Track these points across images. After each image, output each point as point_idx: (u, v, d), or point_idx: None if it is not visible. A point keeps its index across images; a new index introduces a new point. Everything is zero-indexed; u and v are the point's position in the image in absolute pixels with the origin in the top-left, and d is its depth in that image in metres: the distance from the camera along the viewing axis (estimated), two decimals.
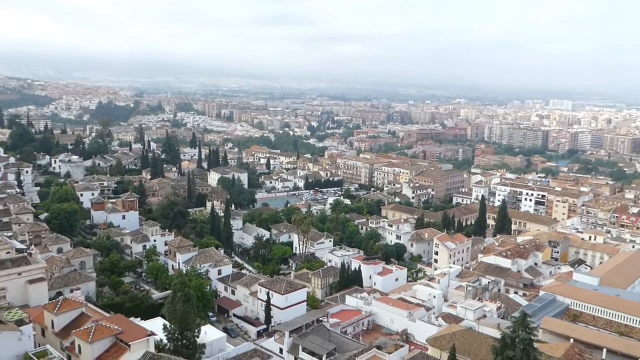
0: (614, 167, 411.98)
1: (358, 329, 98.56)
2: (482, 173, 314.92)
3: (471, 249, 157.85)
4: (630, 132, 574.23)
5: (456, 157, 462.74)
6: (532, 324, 69.65)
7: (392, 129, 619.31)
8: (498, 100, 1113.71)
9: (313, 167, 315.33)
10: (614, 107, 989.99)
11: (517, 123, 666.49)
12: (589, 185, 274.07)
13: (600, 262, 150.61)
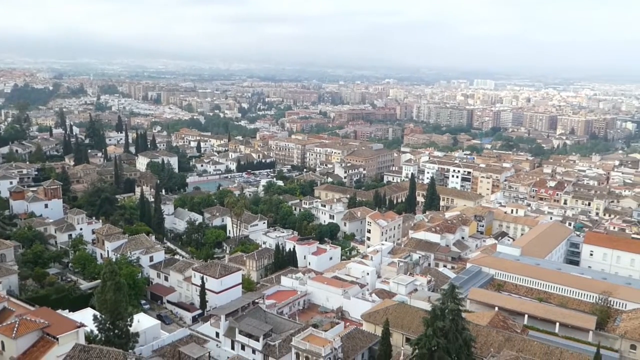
0: (533, 144, 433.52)
1: (294, 309, 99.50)
2: (412, 152, 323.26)
3: (402, 226, 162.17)
4: (548, 110, 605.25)
5: (386, 137, 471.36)
6: (460, 295, 72.92)
7: (324, 110, 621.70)
8: (425, 81, 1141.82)
9: (245, 149, 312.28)
10: (533, 87, 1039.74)
11: (443, 102, 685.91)
12: (511, 161, 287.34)
13: (521, 233, 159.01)
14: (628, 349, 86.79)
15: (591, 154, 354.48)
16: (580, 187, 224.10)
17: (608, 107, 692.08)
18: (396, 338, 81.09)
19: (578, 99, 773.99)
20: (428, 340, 68.05)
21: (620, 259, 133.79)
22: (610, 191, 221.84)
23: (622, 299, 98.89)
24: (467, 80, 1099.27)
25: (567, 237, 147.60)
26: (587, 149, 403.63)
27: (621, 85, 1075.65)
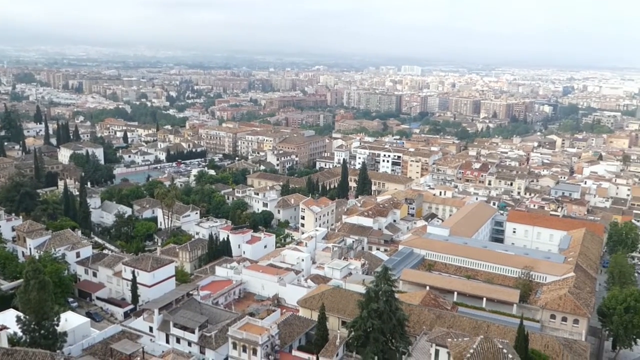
0: (459, 127, 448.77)
1: (230, 299, 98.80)
2: (343, 138, 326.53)
3: (335, 211, 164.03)
4: (472, 95, 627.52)
5: (318, 123, 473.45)
6: (392, 276, 74.83)
7: (254, 97, 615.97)
8: (355, 67, 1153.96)
9: (174, 139, 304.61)
10: (458, 72, 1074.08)
11: (373, 88, 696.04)
12: (438, 145, 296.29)
13: (449, 214, 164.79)
14: (548, 319, 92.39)
15: (512, 136, 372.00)
16: (503, 168, 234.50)
17: (527, 91, 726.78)
18: (332, 322, 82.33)
19: (499, 84, 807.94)
20: (363, 322, 69.58)
21: (541, 235, 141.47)
22: (530, 171, 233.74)
23: (542, 272, 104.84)
24: (395, 66, 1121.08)
25: (492, 216, 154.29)
26: (509, 132, 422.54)
27: (538, 70, 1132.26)
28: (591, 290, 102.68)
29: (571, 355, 74.88)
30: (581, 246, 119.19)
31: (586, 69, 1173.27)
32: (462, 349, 59.22)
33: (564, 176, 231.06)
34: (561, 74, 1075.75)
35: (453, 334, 68.28)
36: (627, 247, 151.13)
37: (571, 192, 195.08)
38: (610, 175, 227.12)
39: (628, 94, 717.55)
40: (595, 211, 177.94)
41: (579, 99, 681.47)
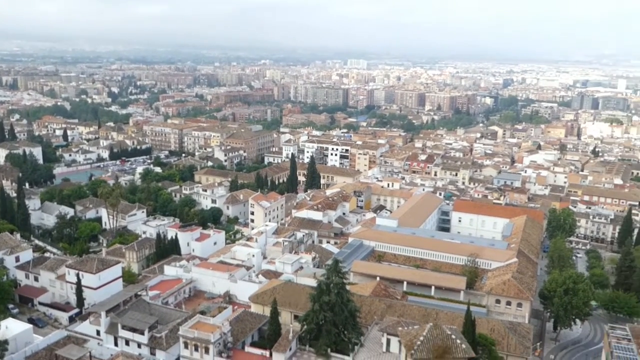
0: (405, 120, 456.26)
1: (180, 298, 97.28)
2: (291, 132, 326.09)
3: (285, 206, 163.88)
4: (417, 88, 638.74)
5: (265, 118, 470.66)
6: (343, 269, 75.62)
7: (200, 92, 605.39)
8: (301, 61, 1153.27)
9: (118, 136, 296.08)
10: (402, 66, 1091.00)
11: (319, 82, 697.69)
12: (385, 137, 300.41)
13: (397, 206, 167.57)
14: (494, 304, 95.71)
15: (456, 127, 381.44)
16: (448, 159, 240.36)
17: (469, 84, 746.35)
18: (285, 316, 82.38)
19: (443, 77, 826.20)
20: (315, 315, 70.02)
21: (485, 223, 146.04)
22: (473, 161, 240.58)
23: (487, 259, 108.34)
24: (342, 60, 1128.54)
25: (438, 206, 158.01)
26: (453, 123, 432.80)
27: (480, 64, 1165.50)
28: (533, 274, 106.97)
29: (515, 338, 77.79)
30: (523, 233, 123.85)
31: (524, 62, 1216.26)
32: (412, 336, 60.51)
33: (506, 166, 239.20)
34: (501, 67, 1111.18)
35: (403, 322, 69.66)
36: (565, 232, 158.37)
37: (512, 181, 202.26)
38: (549, 164, 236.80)
39: (563, 86, 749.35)
40: (535, 199, 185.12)
41: (518, 90, 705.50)
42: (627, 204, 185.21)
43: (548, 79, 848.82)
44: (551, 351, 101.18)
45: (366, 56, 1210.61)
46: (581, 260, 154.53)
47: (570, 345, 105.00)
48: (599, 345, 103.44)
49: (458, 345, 59.15)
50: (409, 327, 65.03)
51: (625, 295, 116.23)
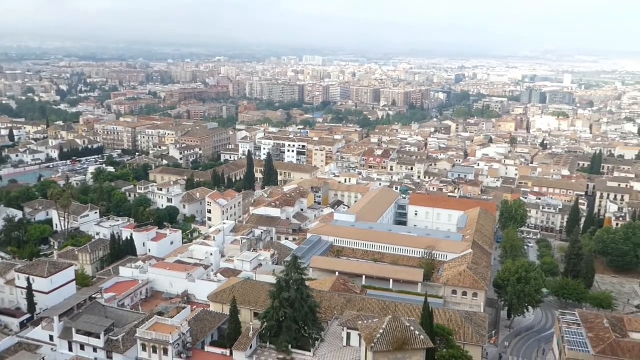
0: (361, 116, 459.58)
1: (137, 299, 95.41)
2: (247, 129, 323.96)
3: (243, 203, 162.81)
4: (372, 84, 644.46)
5: (221, 115, 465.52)
6: (302, 265, 75.76)
7: (153, 90, 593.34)
8: (257, 58, 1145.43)
9: (68, 135, 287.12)
10: (357, 62, 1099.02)
11: (275, 79, 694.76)
12: (342, 133, 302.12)
13: (355, 201, 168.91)
14: (450, 295, 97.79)
15: (411, 123, 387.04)
16: (404, 154, 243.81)
17: (423, 79, 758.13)
18: (244, 314, 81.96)
19: (397, 73, 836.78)
20: (275, 312, 69.95)
21: (440, 216, 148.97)
22: (428, 156, 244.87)
23: (443, 251, 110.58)
24: (297, 56, 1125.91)
25: (395, 201, 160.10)
26: (407, 119, 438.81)
27: (432, 60, 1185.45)
28: (487, 264, 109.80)
29: (472, 327, 79.77)
30: (477, 224, 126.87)
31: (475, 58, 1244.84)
32: (372, 330, 61.17)
33: (459, 159, 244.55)
34: (453, 63, 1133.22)
35: (363, 316, 70.34)
36: (517, 223, 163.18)
37: (466, 174, 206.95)
38: (500, 157, 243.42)
39: (513, 81, 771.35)
40: (488, 191, 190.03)
41: (470, 86, 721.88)
42: (574, 194, 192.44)
43: (498, 74, 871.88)
44: (506, 338, 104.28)
45: (321, 52, 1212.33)
46: (532, 250, 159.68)
47: (523, 332, 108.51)
48: (550, 330, 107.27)
49: (417, 336, 60.16)
50: (369, 320, 65.70)
51: (574, 282, 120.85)
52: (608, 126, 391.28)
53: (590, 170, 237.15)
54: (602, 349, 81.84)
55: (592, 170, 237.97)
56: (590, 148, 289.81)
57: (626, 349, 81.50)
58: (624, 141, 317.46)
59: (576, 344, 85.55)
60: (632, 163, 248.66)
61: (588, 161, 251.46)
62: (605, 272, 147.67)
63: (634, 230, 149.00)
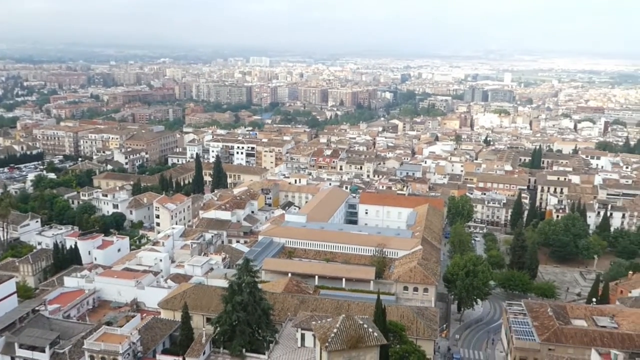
0: (309, 116, 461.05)
1: (83, 310, 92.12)
2: (195, 131, 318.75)
3: (192, 207, 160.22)
4: (319, 84, 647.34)
5: (167, 118, 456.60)
6: (254, 267, 75.08)
7: (95, 93, 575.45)
8: (202, 59, 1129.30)
9: (4, 141, 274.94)
10: (305, 62, 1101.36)
11: (222, 80, 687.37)
12: (291, 134, 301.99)
13: (305, 201, 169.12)
14: (402, 291, 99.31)
15: (359, 122, 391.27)
16: (352, 153, 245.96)
17: (369, 79, 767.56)
18: (197, 320, 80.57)
19: (344, 73, 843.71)
20: (228, 316, 69.07)
21: (390, 214, 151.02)
22: (377, 154, 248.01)
23: (394, 248, 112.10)
24: (244, 57, 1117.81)
25: (345, 200, 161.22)
26: (355, 118, 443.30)
27: (379, 60, 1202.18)
28: (437, 260, 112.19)
29: (424, 322, 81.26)
30: (425, 220, 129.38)
31: (420, 58, 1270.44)
32: (326, 329, 61.32)
33: (407, 157, 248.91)
34: (399, 62, 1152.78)
35: (317, 316, 70.42)
36: (464, 218, 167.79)
37: (414, 172, 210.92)
38: (446, 154, 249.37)
39: (456, 80, 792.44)
40: (436, 187, 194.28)
41: (415, 85, 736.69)
42: (516, 188, 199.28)
43: (442, 73, 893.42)
44: (456, 331, 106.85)
45: (268, 53, 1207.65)
46: (479, 244, 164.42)
47: (473, 324, 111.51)
48: (499, 321, 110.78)
49: (370, 334, 60.71)
50: (322, 320, 65.81)
51: (519, 274, 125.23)
52: (546, 122, 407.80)
53: (531, 165, 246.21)
54: (547, 336, 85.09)
55: (533, 165, 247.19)
56: (530, 143, 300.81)
57: (569, 336, 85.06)
58: (561, 136, 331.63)
59: (523, 333, 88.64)
60: (569, 157, 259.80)
61: (529, 156, 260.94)
62: (548, 262, 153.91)
63: (572, 221, 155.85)
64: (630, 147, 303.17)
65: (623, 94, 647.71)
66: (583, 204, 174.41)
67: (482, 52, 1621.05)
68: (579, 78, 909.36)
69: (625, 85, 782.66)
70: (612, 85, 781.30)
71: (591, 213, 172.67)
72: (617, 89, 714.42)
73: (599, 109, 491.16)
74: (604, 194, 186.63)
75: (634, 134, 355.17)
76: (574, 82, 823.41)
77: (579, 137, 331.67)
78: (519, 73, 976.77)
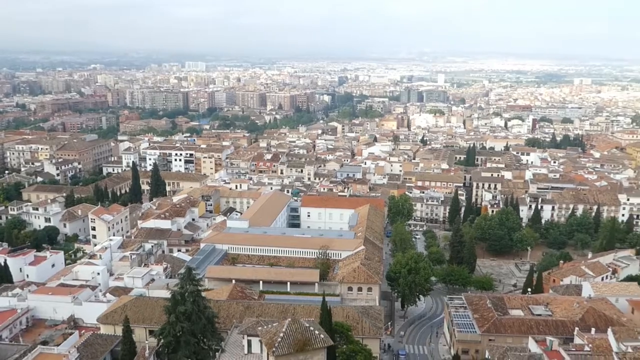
0: (248, 121, 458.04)
1: (16, 330, 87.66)
2: (130, 139, 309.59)
3: (130, 217, 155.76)
4: (257, 89, 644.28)
5: (100, 126, 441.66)
6: (197, 276, 73.82)
7: (21, 102, 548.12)
8: (136, 65, 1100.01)
9: None
10: (242, 67, 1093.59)
11: (157, 86, 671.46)
12: (230, 139, 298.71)
13: (247, 206, 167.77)
14: (346, 291, 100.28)
15: (298, 125, 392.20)
16: (293, 157, 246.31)
17: (307, 82, 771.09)
18: (139, 333, 78.49)
19: (282, 77, 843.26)
20: (172, 327, 67.54)
21: (332, 215, 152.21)
22: (317, 157, 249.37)
23: (337, 249, 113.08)
24: (179, 63, 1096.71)
25: (287, 203, 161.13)
26: (295, 122, 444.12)
27: (316, 63, 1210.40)
28: (379, 259, 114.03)
29: (369, 321, 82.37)
30: (367, 221, 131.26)
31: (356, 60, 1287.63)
32: (272, 334, 61.09)
33: (347, 159, 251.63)
34: (336, 65, 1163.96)
35: (263, 322, 69.95)
36: (404, 217, 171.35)
37: (354, 173, 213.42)
38: (385, 155, 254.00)
39: (392, 82, 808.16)
40: (376, 188, 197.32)
41: (352, 87, 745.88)
42: (453, 186, 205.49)
43: (378, 75, 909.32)
44: (401, 328, 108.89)
45: (204, 58, 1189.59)
46: (420, 241, 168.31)
47: (417, 320, 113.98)
48: (441, 316, 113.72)
49: (317, 336, 60.94)
50: (268, 325, 65.46)
51: (458, 268, 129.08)
52: (479, 121, 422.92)
53: (466, 163, 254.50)
54: (487, 327, 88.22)
55: (468, 162, 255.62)
56: (464, 142, 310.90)
57: (507, 325, 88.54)
58: (493, 134, 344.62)
59: (464, 326, 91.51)
60: (501, 154, 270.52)
61: (464, 154, 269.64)
62: (485, 256, 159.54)
63: (507, 215, 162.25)
64: (557, 143, 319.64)
65: (548, 92, 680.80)
66: (516, 199, 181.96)
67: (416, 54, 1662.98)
68: (508, 78, 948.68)
69: (550, 84, 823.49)
70: (538, 85, 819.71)
71: (523, 207, 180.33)
72: (543, 88, 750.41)
73: (527, 107, 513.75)
74: (534, 188, 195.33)
75: (560, 130, 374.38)
76: (503, 82, 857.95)
77: (509, 135, 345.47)
78: (452, 74, 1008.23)
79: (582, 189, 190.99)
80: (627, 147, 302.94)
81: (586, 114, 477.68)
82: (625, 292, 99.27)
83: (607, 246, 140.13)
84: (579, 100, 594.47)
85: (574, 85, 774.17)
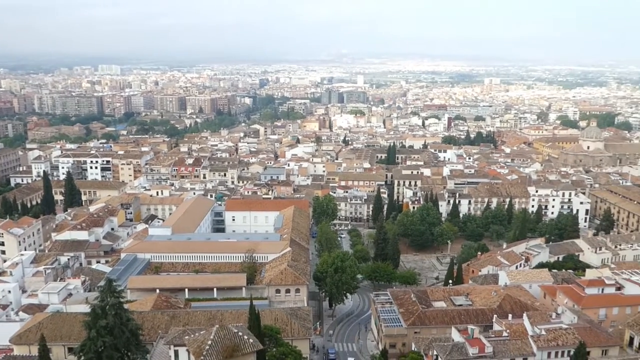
0: (167, 125, 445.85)
1: None
2: (40, 147, 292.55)
3: (43, 230, 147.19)
4: (176, 92, 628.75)
5: (6, 134, 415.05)
6: (118, 287, 70.85)
7: None
8: (44, 69, 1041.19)
9: None
10: (159, 70, 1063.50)
11: (68, 91, 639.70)
12: (149, 144, 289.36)
13: (169, 213, 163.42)
14: (274, 294, 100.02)
15: (220, 129, 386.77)
16: (215, 161, 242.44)
17: (228, 85, 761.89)
18: (57, 352, 74.56)
19: (201, 79, 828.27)
20: (93, 342, 64.54)
21: (257, 219, 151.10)
22: (240, 160, 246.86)
23: (263, 252, 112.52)
24: (92, 66, 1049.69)
25: (211, 208, 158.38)
26: (216, 125, 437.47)
27: (236, 65, 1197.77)
28: (306, 260, 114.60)
29: (298, 322, 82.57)
30: (292, 222, 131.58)
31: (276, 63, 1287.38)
32: (200, 343, 59.88)
33: (270, 161, 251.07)
34: (256, 68, 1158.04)
35: (189, 330, 68.33)
36: (329, 217, 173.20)
37: (278, 175, 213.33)
38: (308, 156, 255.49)
39: (313, 83, 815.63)
40: (300, 189, 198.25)
41: (274, 89, 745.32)
42: (375, 184, 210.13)
43: (299, 77, 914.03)
44: (330, 327, 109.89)
45: (119, 61, 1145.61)
46: (345, 240, 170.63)
47: (345, 318, 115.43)
48: (368, 312, 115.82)
49: (246, 341, 60.35)
50: (196, 333, 64.05)
51: (383, 265, 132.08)
52: (398, 120, 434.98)
53: (387, 161, 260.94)
54: (412, 320, 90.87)
55: (389, 161, 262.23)
56: (385, 141, 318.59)
57: (431, 317, 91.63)
58: (412, 133, 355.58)
59: (390, 320, 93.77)
60: (420, 152, 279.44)
61: (384, 153, 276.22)
62: (408, 251, 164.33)
63: (427, 211, 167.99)
64: (471, 140, 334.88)
65: (461, 91, 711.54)
66: (435, 194, 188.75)
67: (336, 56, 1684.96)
68: (424, 78, 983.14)
69: (463, 84, 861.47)
70: (452, 85, 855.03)
71: (442, 202, 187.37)
72: (456, 88, 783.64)
73: (442, 106, 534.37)
74: (452, 184, 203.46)
75: (473, 128, 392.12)
76: (419, 82, 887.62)
77: (427, 133, 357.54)
78: (371, 75, 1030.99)
79: (495, 183, 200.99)
80: (534, 142, 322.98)
81: (496, 112, 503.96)
82: (537, 279, 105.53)
83: (519, 236, 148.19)
84: (490, 98, 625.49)
85: (484, 85, 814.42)
